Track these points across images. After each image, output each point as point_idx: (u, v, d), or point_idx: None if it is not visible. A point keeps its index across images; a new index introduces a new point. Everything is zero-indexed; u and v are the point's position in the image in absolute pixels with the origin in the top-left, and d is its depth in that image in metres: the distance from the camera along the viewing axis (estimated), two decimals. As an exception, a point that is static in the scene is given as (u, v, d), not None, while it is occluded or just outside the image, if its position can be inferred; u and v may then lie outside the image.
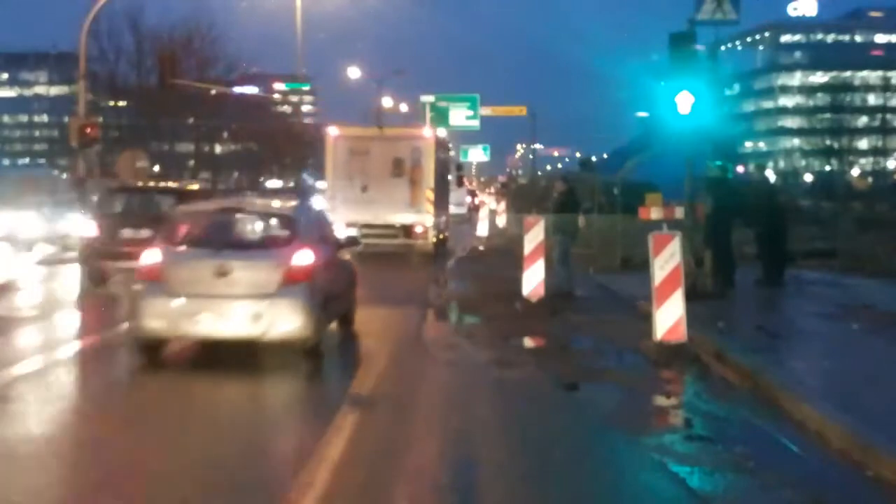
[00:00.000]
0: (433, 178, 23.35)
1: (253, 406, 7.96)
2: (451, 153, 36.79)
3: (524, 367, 9.58)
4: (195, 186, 21.04)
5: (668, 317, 9.81)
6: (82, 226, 17.56)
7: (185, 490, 5.55)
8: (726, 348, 9.49)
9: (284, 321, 9.14)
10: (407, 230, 22.85)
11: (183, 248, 9.68)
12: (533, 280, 13.85)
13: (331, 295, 10.13)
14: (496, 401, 8.27)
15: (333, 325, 10.85)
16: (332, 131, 24.07)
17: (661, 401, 8.31)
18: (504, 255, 21.55)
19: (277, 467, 6.19)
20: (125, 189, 19.11)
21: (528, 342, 11.18)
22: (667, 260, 9.91)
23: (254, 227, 10.39)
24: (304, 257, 9.45)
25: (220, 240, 9.74)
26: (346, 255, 12.23)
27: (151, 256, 9.50)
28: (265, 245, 10.00)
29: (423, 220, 22.99)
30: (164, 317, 9.21)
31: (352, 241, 13.01)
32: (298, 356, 9.41)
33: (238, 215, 10.44)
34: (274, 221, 10.38)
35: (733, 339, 10.25)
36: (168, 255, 9.47)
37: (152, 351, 9.44)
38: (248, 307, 9.11)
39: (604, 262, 18.83)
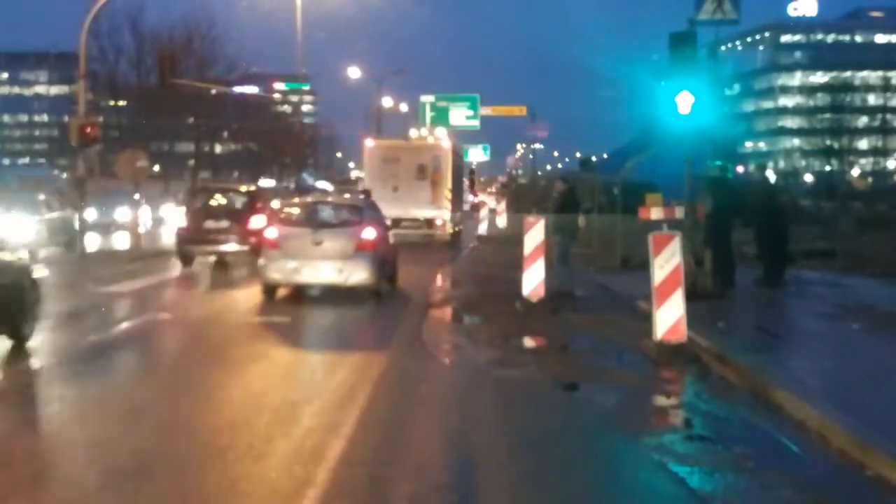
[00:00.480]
0: (450, 181, 28.18)
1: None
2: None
3: (524, 367, 9.58)
4: (254, 188, 25.51)
5: (668, 317, 9.80)
6: (176, 218, 22.25)
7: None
8: (726, 348, 9.48)
9: (358, 274, 14.27)
10: (429, 223, 27.45)
11: (291, 227, 14.73)
12: (533, 280, 13.85)
13: (384, 260, 15.10)
14: (496, 400, 8.28)
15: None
16: (369, 143, 29.36)
17: (661, 401, 8.31)
18: (505, 244, 23.91)
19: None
20: (206, 189, 23.93)
21: (528, 342, 11.18)
22: (667, 260, 9.91)
23: (335, 213, 15.32)
24: (369, 233, 14.62)
25: (314, 222, 14.82)
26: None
27: (271, 234, 14.76)
28: (344, 225, 14.84)
29: (443, 214, 27.70)
30: (280, 271, 14.39)
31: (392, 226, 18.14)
32: (367, 295, 14.45)
33: (324, 205, 15.90)
34: (347, 209, 15.51)
35: (733, 339, 10.25)
36: (282, 232, 14.65)
37: (272, 292, 14.62)
38: (334, 265, 14.27)
39: (604, 262, 18.82)
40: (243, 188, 23.75)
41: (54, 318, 11.87)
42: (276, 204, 19.02)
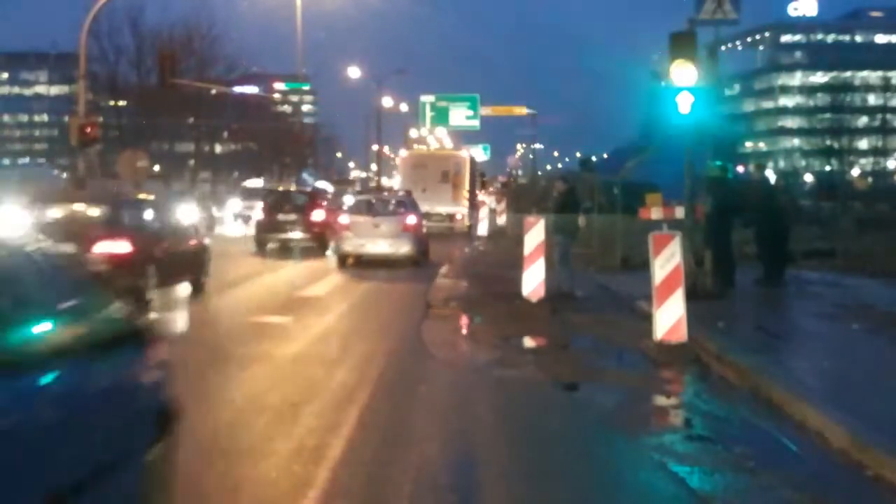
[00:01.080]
0: (468, 184, 35.43)
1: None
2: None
3: (524, 366, 9.58)
4: (312, 189, 33.63)
5: (669, 317, 9.81)
6: (255, 211, 27.85)
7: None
8: (726, 348, 9.49)
9: (404, 248, 20.54)
10: (450, 217, 34.28)
11: (357, 216, 21.20)
12: (533, 280, 13.85)
13: (421, 240, 21.52)
14: (496, 400, 8.28)
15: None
16: (403, 153, 40.04)
17: (661, 401, 8.31)
18: (505, 244, 26.29)
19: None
20: (274, 191, 30.41)
21: (528, 342, 11.18)
22: (667, 260, 9.91)
23: (387, 204, 22.22)
24: (412, 219, 21.24)
25: (373, 211, 21.52)
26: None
27: (344, 220, 21.35)
28: (394, 213, 21.32)
29: (461, 210, 34.92)
30: (351, 246, 20.56)
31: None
32: (409, 264, 20.49)
33: (379, 199, 23.56)
34: (396, 202, 22.59)
35: (733, 339, 10.25)
36: (351, 219, 21.11)
37: (345, 260, 20.61)
38: (388, 241, 20.50)
39: (604, 262, 18.82)
40: (306, 189, 32.20)
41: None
42: (348, 199, 29.27)
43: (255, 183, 54.77)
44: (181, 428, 4.83)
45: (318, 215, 24.95)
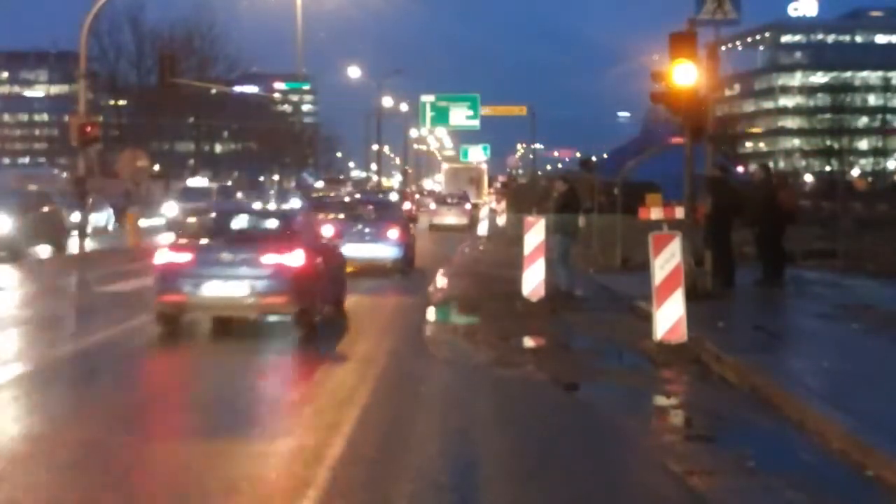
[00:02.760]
0: (486, 185, 55.16)
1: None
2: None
3: (524, 366, 9.58)
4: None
5: (669, 317, 9.81)
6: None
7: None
8: (726, 348, 9.48)
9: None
10: (475, 206, 43.88)
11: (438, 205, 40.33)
12: (533, 280, 13.84)
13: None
14: (496, 400, 8.28)
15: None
16: (445, 165, 67.78)
17: (661, 401, 8.32)
18: (505, 243, 25.63)
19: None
20: (322, 197, 33.01)
21: (528, 342, 11.18)
22: (667, 260, 9.91)
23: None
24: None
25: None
26: None
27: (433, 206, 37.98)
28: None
29: (483, 202, 47.27)
30: (438, 222, 37.85)
31: None
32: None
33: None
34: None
35: (733, 338, 10.25)
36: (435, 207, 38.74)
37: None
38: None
39: (604, 262, 18.82)
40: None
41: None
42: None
43: (199, 182, 43.31)
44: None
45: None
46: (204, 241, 11.39)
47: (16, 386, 8.32)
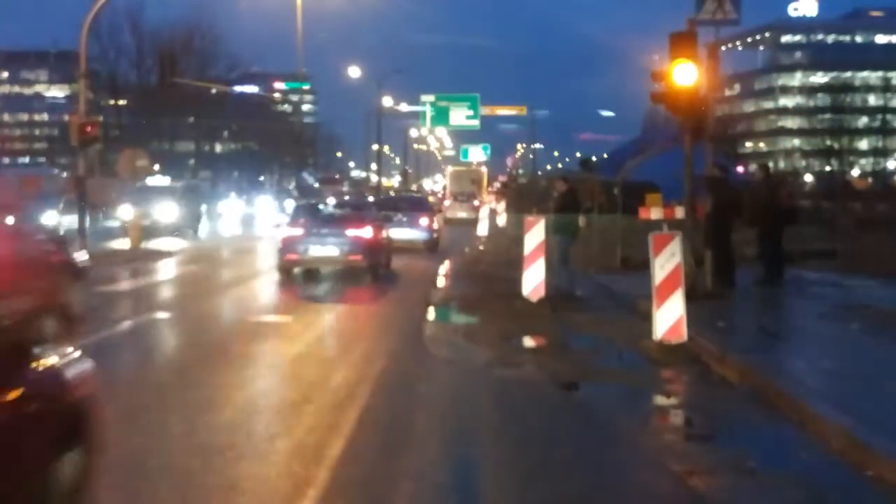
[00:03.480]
0: (486, 186, 57.03)
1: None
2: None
3: (524, 366, 9.58)
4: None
5: (669, 317, 9.81)
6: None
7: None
8: (726, 348, 9.48)
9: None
10: (475, 207, 46.93)
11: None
12: (533, 280, 13.84)
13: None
14: (496, 400, 8.28)
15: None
16: (450, 168, 62.86)
17: (661, 400, 8.32)
18: (505, 243, 26.18)
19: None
20: (381, 197, 36.76)
21: (528, 342, 11.18)
22: (667, 260, 9.91)
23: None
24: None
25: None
26: None
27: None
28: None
29: (482, 201, 48.70)
30: (452, 216, 44.10)
31: None
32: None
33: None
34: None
35: (733, 338, 10.26)
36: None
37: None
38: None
39: (604, 262, 18.81)
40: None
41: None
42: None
43: (161, 181, 35.35)
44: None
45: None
46: (308, 221, 17.68)
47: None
